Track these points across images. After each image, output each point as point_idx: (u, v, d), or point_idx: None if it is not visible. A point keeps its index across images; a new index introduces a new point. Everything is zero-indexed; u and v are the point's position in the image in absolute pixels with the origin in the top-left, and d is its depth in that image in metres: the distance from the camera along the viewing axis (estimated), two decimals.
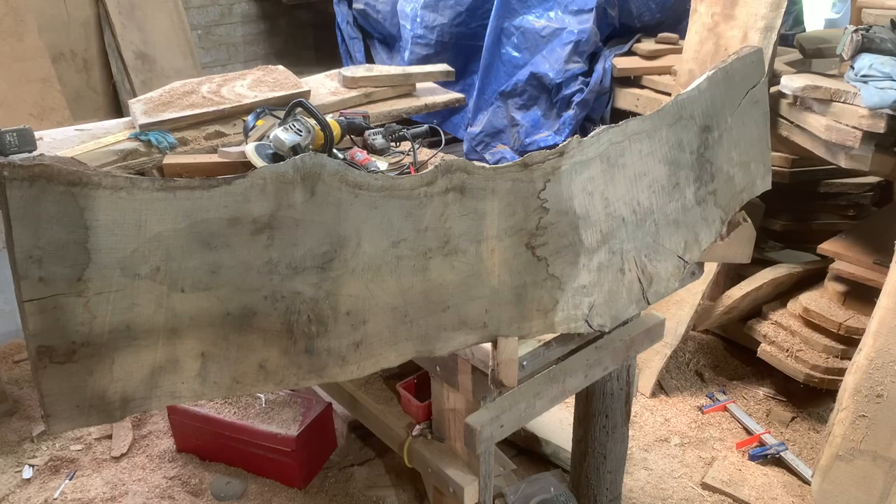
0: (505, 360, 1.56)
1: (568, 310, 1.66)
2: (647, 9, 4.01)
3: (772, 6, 2.96)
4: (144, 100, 2.46)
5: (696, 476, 2.64)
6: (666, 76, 3.66)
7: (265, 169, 1.26)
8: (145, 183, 1.16)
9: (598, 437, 2.20)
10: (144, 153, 2.23)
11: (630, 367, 2.16)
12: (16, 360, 3.28)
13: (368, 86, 2.70)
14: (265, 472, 2.61)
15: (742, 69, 1.91)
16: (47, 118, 3.89)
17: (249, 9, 5.33)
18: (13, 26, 3.89)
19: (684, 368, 3.19)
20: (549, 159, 1.57)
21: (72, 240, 1.12)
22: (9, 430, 2.87)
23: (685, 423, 2.89)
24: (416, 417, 2.10)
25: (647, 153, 1.74)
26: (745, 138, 1.96)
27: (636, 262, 1.78)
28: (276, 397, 2.64)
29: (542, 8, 4.06)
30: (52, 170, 1.08)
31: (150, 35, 4.48)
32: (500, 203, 1.52)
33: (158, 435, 2.84)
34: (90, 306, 1.15)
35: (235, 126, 2.39)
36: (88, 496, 2.56)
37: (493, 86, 4.24)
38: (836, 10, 5.38)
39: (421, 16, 4.29)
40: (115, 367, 1.19)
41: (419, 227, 1.42)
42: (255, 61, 5.24)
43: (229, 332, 1.27)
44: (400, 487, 2.58)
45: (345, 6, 4.92)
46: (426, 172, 1.42)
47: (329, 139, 2.11)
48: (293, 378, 1.35)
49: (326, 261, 1.33)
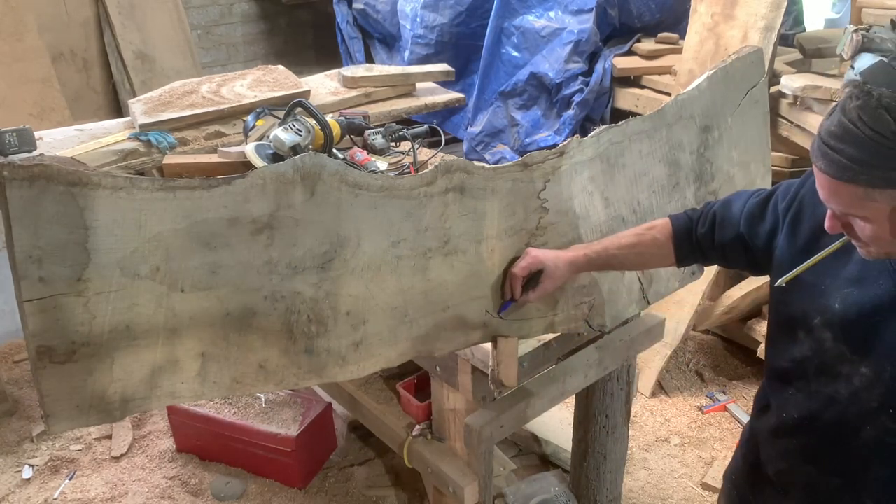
0: (505, 360, 1.56)
1: (568, 310, 1.66)
2: (647, 9, 4.01)
3: (772, 6, 2.96)
4: (144, 100, 2.46)
5: (696, 476, 2.64)
6: (666, 76, 3.66)
7: (265, 169, 1.26)
8: (145, 183, 1.16)
9: (598, 437, 2.20)
10: (144, 153, 2.22)
11: (630, 367, 2.16)
12: (16, 360, 3.28)
13: (368, 86, 2.70)
14: (265, 472, 2.61)
15: (742, 69, 1.91)
16: (47, 118, 3.89)
17: (249, 9, 5.33)
18: (13, 26, 3.89)
19: (684, 368, 3.19)
20: (549, 159, 1.57)
21: (72, 240, 1.12)
22: (9, 430, 2.87)
23: (685, 423, 2.89)
24: (416, 417, 2.10)
25: (647, 153, 1.74)
26: (745, 138, 1.96)
27: None
28: (276, 397, 2.64)
29: (542, 8, 4.06)
30: (52, 170, 1.08)
31: (150, 35, 4.48)
32: (500, 203, 1.52)
33: (158, 435, 2.84)
34: (90, 306, 1.15)
35: (235, 126, 2.39)
36: (88, 496, 2.56)
37: (493, 86, 4.24)
38: (836, 10, 5.38)
39: (421, 16, 4.29)
40: (115, 367, 1.19)
41: (419, 227, 1.42)
42: (255, 61, 5.24)
43: (229, 332, 1.27)
44: (400, 487, 2.58)
45: (345, 6, 4.92)
46: (426, 172, 1.42)
47: (329, 139, 2.10)
48: (293, 378, 1.35)
49: (326, 261, 1.33)
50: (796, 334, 1.25)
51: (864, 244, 1.09)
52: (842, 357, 1.18)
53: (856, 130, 0.98)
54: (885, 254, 1.09)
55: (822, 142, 1.03)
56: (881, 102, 0.97)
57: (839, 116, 1.01)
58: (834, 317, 1.18)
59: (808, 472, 1.29)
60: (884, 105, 0.97)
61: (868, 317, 1.14)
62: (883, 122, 0.96)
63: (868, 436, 1.17)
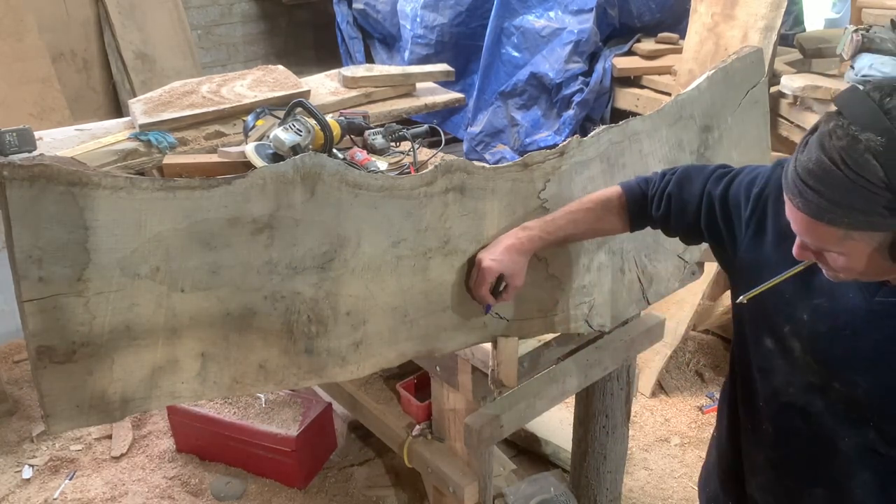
0: (505, 360, 1.56)
1: (568, 310, 1.66)
2: (647, 9, 4.02)
3: (772, 6, 2.96)
4: (144, 100, 2.46)
5: (696, 476, 2.63)
6: (666, 76, 3.66)
7: (265, 169, 1.26)
8: (145, 183, 1.16)
9: (598, 437, 2.20)
10: (144, 153, 2.22)
11: (630, 367, 2.16)
12: (16, 360, 3.28)
13: (368, 86, 2.70)
14: (265, 472, 2.61)
15: (742, 69, 1.90)
16: (47, 118, 3.89)
17: (249, 9, 5.33)
18: (13, 26, 3.89)
19: (684, 368, 3.19)
20: (549, 159, 1.57)
21: (72, 240, 1.12)
22: (9, 430, 2.87)
23: (685, 423, 2.89)
24: (416, 417, 2.10)
25: (647, 153, 1.73)
26: (745, 138, 1.96)
27: (636, 262, 1.78)
28: (276, 397, 2.64)
29: (542, 8, 4.06)
30: (52, 170, 1.08)
31: (150, 35, 4.48)
32: (500, 203, 1.52)
33: (158, 435, 2.84)
34: (90, 306, 1.15)
35: (235, 126, 2.38)
36: (88, 496, 2.56)
37: (493, 86, 4.24)
38: (836, 10, 5.38)
39: (421, 16, 4.29)
40: (115, 367, 1.19)
41: (419, 227, 1.42)
42: (255, 61, 5.24)
43: (229, 332, 1.27)
44: (400, 487, 2.58)
45: (345, 6, 4.92)
46: (426, 172, 1.42)
47: (329, 139, 2.10)
48: (293, 378, 1.35)
49: (326, 261, 1.33)
50: (763, 342, 1.22)
51: (834, 272, 1.05)
52: (810, 368, 1.15)
53: (839, 174, 0.93)
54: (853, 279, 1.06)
55: (799, 179, 0.97)
56: (869, 147, 0.91)
57: (818, 154, 0.95)
58: (804, 328, 1.15)
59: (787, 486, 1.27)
60: (872, 151, 0.91)
61: (839, 330, 1.11)
62: (870, 169, 0.91)
63: (848, 446, 1.15)
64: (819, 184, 0.95)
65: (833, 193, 0.94)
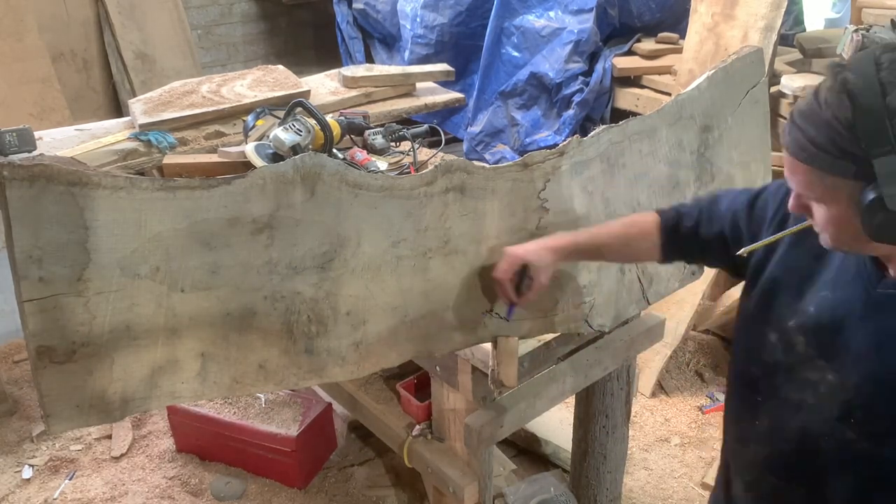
0: (505, 360, 1.56)
1: (568, 310, 1.66)
2: (647, 9, 4.01)
3: (772, 6, 2.96)
4: (144, 100, 2.46)
5: (696, 476, 2.64)
6: (666, 76, 3.66)
7: (265, 169, 1.26)
8: (145, 183, 1.16)
9: (598, 437, 2.20)
10: (144, 153, 2.22)
11: (630, 367, 2.16)
12: (16, 360, 3.28)
13: (368, 86, 2.70)
14: (265, 472, 2.61)
15: (742, 69, 1.90)
16: (47, 118, 3.89)
17: (249, 9, 5.33)
18: (13, 26, 3.89)
19: (684, 368, 3.19)
20: (549, 159, 1.56)
21: (72, 240, 1.12)
22: (9, 430, 2.87)
23: (685, 423, 2.89)
24: (416, 417, 2.10)
25: (647, 153, 1.73)
26: (746, 138, 1.96)
27: None
28: (276, 397, 2.64)
29: (542, 8, 4.06)
30: (51, 170, 1.08)
31: (150, 35, 4.48)
32: (500, 203, 1.52)
33: (158, 435, 2.84)
34: (90, 306, 1.15)
35: (235, 126, 2.38)
36: (88, 496, 2.56)
37: (493, 86, 4.23)
38: (836, 10, 5.39)
39: (421, 16, 4.28)
40: (115, 367, 1.19)
41: (419, 227, 1.42)
42: (255, 61, 5.24)
43: (229, 332, 1.27)
44: (400, 487, 2.58)
45: (345, 6, 4.92)
46: (426, 172, 1.42)
47: (329, 139, 2.10)
48: (293, 378, 1.35)
49: (326, 261, 1.33)
50: (767, 337, 1.22)
51: (821, 229, 1.06)
52: (811, 362, 1.15)
53: (819, 111, 0.96)
54: (840, 246, 1.07)
55: (791, 118, 1.01)
56: (845, 86, 0.93)
57: (812, 95, 0.99)
58: (808, 320, 1.15)
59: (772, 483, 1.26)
60: (847, 89, 0.93)
61: (839, 321, 1.11)
62: (842, 108, 0.93)
63: (829, 446, 1.15)
64: (804, 121, 0.98)
65: (811, 131, 0.97)
